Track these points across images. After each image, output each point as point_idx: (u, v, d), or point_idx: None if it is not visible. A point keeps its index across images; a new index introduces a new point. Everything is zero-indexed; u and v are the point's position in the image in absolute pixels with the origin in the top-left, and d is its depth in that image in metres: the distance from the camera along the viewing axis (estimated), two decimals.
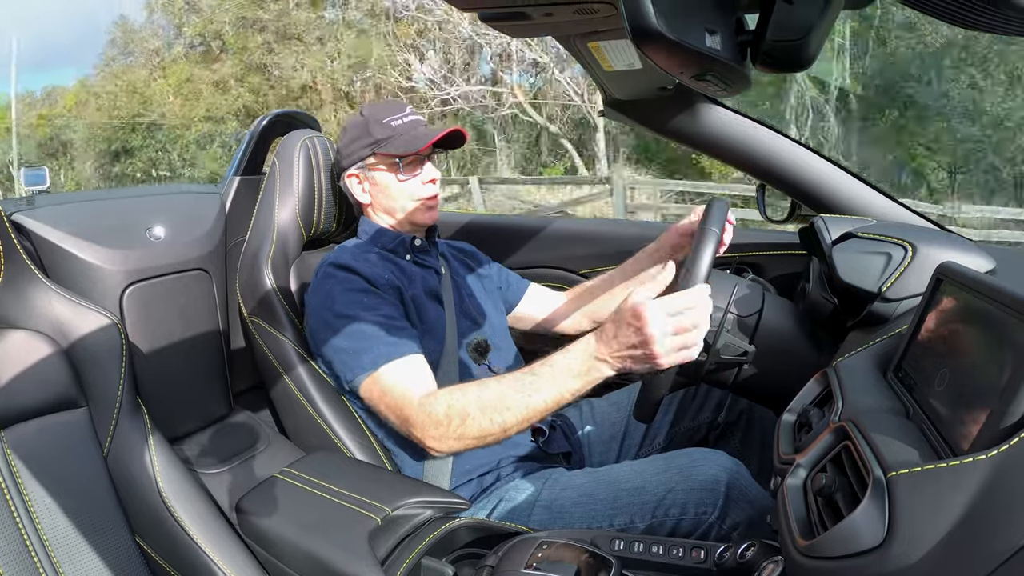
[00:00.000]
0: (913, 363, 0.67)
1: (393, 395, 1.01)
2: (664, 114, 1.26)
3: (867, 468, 0.52)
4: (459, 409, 0.94)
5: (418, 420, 0.97)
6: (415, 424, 0.98)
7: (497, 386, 0.94)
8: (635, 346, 0.84)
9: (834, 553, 0.48)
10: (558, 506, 1.02)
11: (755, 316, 1.00)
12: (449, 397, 0.96)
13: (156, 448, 0.99)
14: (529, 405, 0.91)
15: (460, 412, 0.94)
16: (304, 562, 0.87)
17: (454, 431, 0.94)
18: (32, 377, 0.92)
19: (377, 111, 1.20)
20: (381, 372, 1.02)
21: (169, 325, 1.23)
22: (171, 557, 0.94)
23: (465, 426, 0.94)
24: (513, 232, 1.70)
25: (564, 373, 0.90)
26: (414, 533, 0.90)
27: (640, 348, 0.84)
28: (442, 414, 0.95)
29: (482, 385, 0.96)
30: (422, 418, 0.97)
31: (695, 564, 0.76)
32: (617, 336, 0.86)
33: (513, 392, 0.92)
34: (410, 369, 1.03)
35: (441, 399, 0.97)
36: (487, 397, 0.93)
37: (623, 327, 0.85)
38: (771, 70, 0.55)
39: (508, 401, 0.92)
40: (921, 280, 0.78)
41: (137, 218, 1.27)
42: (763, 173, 1.28)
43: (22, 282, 0.94)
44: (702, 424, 1.25)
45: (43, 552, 0.87)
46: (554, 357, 0.92)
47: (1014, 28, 0.38)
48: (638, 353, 0.84)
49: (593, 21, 0.92)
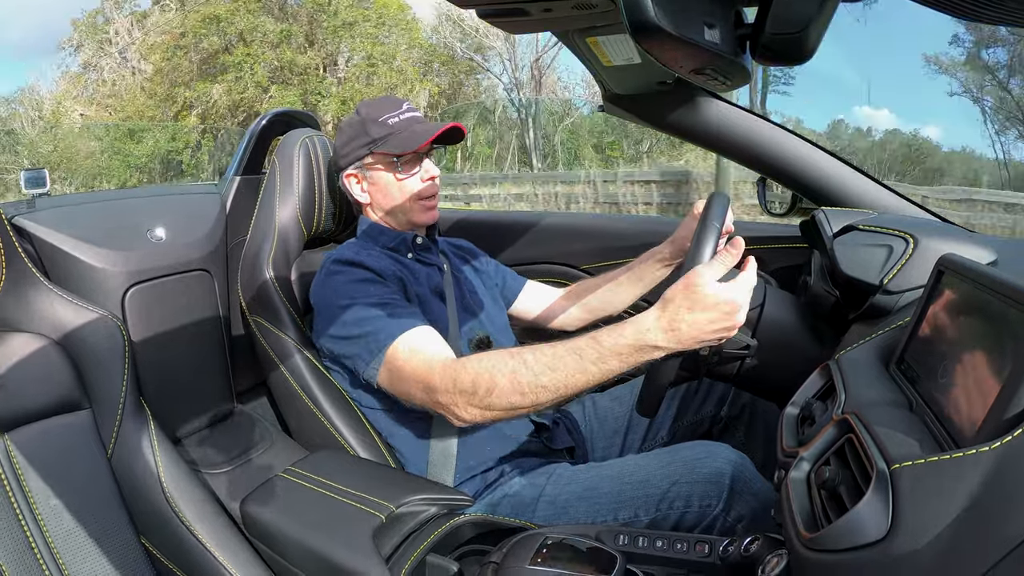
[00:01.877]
0: (915, 355, 0.67)
1: (412, 364, 0.97)
2: (663, 109, 1.25)
3: (870, 461, 0.52)
4: (488, 379, 0.89)
5: (441, 385, 0.92)
6: (439, 390, 0.93)
7: (534, 362, 0.88)
8: (717, 331, 0.82)
9: (838, 546, 0.48)
10: (562, 501, 1.02)
11: (757, 310, 1.00)
12: (479, 364, 0.91)
13: (160, 448, 0.99)
14: (568, 384, 0.87)
15: (488, 382, 0.89)
16: (309, 560, 0.87)
17: (481, 400, 0.90)
18: (35, 380, 0.92)
19: (373, 109, 1.18)
20: (397, 344, 0.99)
21: (171, 326, 1.23)
22: (176, 557, 0.95)
23: (492, 397, 0.89)
24: (512, 228, 1.70)
25: (612, 356, 0.85)
26: (419, 530, 0.91)
27: (721, 332, 0.82)
28: (468, 382, 0.90)
29: (516, 357, 0.89)
30: (446, 384, 0.92)
31: (700, 558, 0.76)
32: (697, 322, 0.81)
33: (551, 371, 0.87)
34: (425, 339, 1.00)
35: (469, 366, 0.91)
36: (522, 372, 0.88)
37: (709, 311, 0.80)
38: (770, 63, 0.55)
39: (544, 380, 0.87)
40: (923, 272, 0.78)
41: (138, 219, 1.27)
42: (764, 166, 1.27)
43: (24, 285, 0.95)
44: (705, 418, 1.25)
45: (48, 554, 0.87)
46: (602, 337, 0.86)
47: (1015, 20, 0.38)
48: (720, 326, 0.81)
49: (592, 16, 0.92)
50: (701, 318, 0.80)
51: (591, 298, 1.34)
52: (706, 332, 0.81)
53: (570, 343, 0.88)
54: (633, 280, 1.30)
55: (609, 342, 0.84)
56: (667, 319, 0.82)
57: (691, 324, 0.81)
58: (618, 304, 1.34)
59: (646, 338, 0.82)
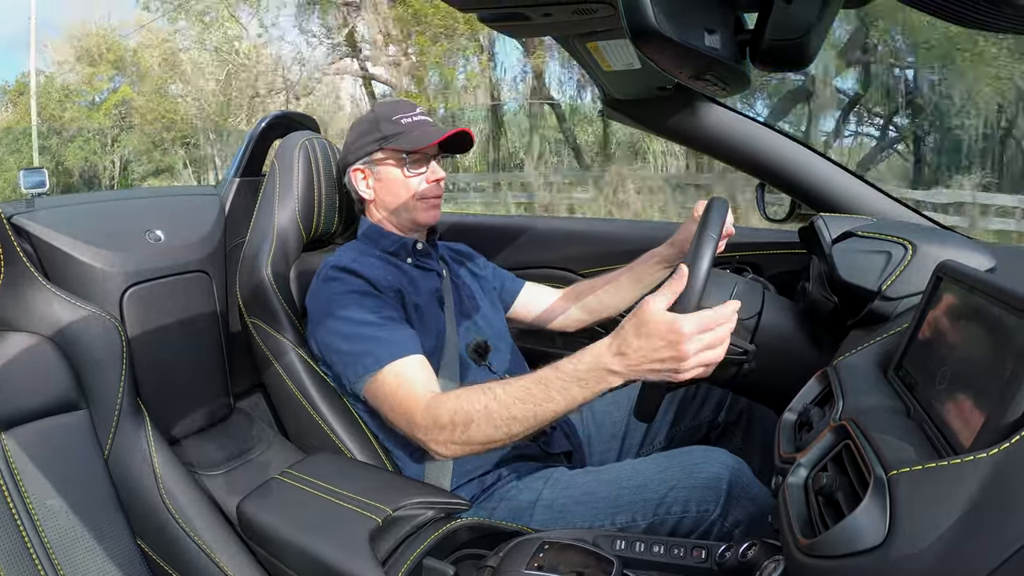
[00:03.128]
0: (913, 362, 0.67)
1: (397, 397, 1.00)
2: (663, 114, 1.26)
3: (868, 467, 0.52)
4: (464, 416, 0.92)
5: (423, 423, 0.96)
6: (419, 427, 0.96)
7: (504, 395, 0.91)
8: (663, 360, 0.81)
9: (835, 552, 0.48)
10: (559, 505, 1.02)
11: (755, 315, 1.00)
12: (456, 402, 0.94)
13: (157, 450, 0.99)
14: (536, 415, 0.89)
15: (465, 419, 0.92)
16: (305, 563, 0.87)
17: (459, 436, 0.93)
18: (32, 379, 0.92)
19: (387, 109, 1.21)
20: (384, 373, 1.01)
21: (169, 327, 1.23)
22: (172, 559, 0.94)
23: (469, 432, 0.92)
24: (511, 232, 1.70)
25: (573, 383, 0.87)
26: (415, 533, 0.90)
27: (668, 363, 0.81)
28: (447, 419, 0.93)
29: (488, 392, 0.92)
30: (427, 422, 0.95)
31: (696, 564, 0.76)
32: (641, 349, 0.82)
33: (520, 403, 0.90)
34: (413, 370, 1.02)
35: (447, 404, 0.95)
36: (493, 407, 0.91)
37: (652, 339, 0.81)
38: (770, 69, 0.55)
39: (515, 411, 0.90)
40: (921, 278, 0.78)
41: (137, 220, 1.27)
42: (763, 172, 1.27)
43: (22, 284, 0.94)
44: (703, 423, 1.25)
45: (44, 554, 0.87)
46: (563, 365, 0.89)
47: (1014, 26, 0.38)
48: (664, 367, 0.81)
49: (592, 21, 0.92)
50: (646, 345, 0.81)
51: (591, 299, 1.35)
52: (652, 360, 0.81)
53: (536, 374, 0.90)
54: (633, 281, 1.30)
55: (569, 368, 0.87)
56: (617, 344, 0.83)
57: (637, 350, 0.81)
58: (617, 305, 1.34)
59: (601, 362, 0.84)
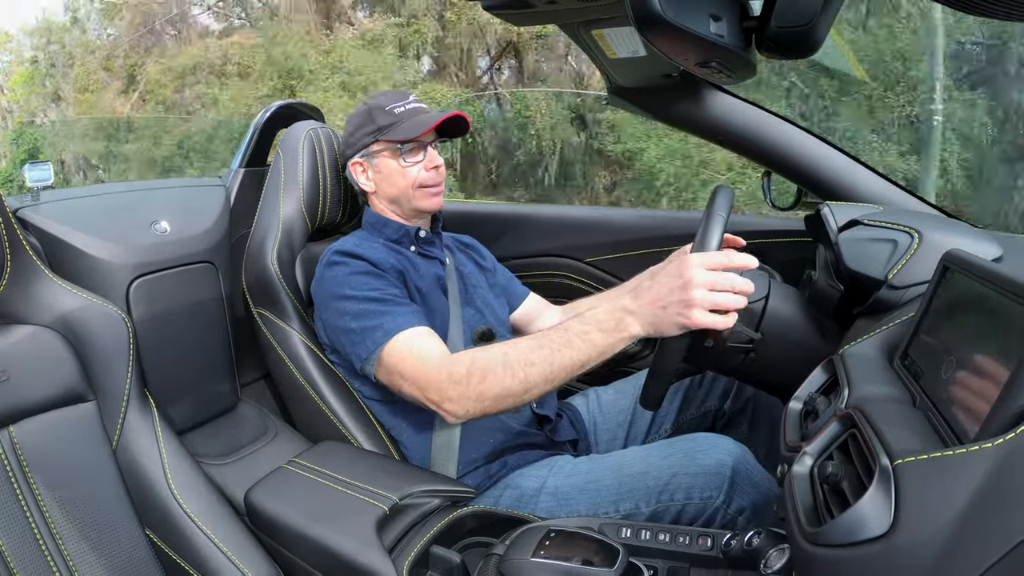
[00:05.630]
0: (919, 351, 0.67)
1: (408, 362, 1.00)
2: (669, 101, 1.25)
3: (873, 456, 0.52)
4: (481, 365, 0.92)
5: (436, 381, 0.95)
6: (432, 386, 0.96)
7: (523, 343, 0.92)
8: (672, 290, 0.82)
9: (840, 541, 0.48)
10: (564, 492, 1.02)
11: (761, 304, 0.99)
12: (472, 355, 0.95)
13: (164, 441, 0.99)
14: (555, 361, 0.89)
15: (482, 368, 0.92)
16: (312, 551, 0.88)
17: (473, 389, 0.92)
18: (40, 372, 0.92)
19: (380, 99, 1.20)
20: (395, 342, 1.01)
21: (175, 318, 1.23)
22: (181, 549, 0.95)
23: (486, 383, 0.91)
24: (517, 221, 1.69)
25: (593, 327, 0.88)
26: (422, 521, 0.91)
27: (677, 293, 0.82)
28: (462, 372, 0.93)
29: (506, 344, 0.94)
30: (441, 378, 0.95)
31: (702, 551, 0.76)
32: (652, 287, 0.85)
33: (539, 348, 0.90)
34: (423, 338, 1.02)
35: (462, 358, 0.95)
36: (511, 353, 0.91)
37: (659, 274, 0.85)
38: (776, 56, 0.55)
39: (533, 356, 0.90)
40: (928, 267, 0.77)
41: (142, 212, 1.27)
42: (769, 160, 1.27)
43: (29, 277, 0.95)
44: (708, 412, 1.25)
45: (54, 545, 0.88)
46: (583, 312, 0.91)
47: (1020, 15, 0.38)
48: (674, 299, 0.82)
49: (597, 9, 0.92)
50: (656, 284, 0.85)
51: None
52: (663, 295, 0.84)
53: (556, 324, 0.93)
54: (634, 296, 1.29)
55: (590, 315, 0.90)
56: (634, 283, 0.87)
57: (648, 289, 0.85)
58: None
59: (618, 304, 0.88)
